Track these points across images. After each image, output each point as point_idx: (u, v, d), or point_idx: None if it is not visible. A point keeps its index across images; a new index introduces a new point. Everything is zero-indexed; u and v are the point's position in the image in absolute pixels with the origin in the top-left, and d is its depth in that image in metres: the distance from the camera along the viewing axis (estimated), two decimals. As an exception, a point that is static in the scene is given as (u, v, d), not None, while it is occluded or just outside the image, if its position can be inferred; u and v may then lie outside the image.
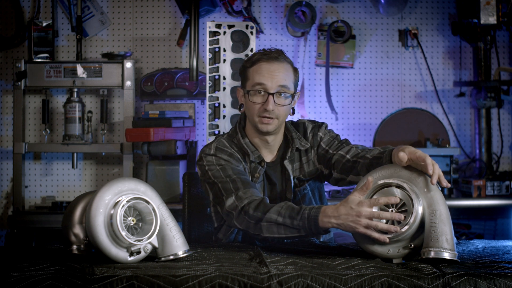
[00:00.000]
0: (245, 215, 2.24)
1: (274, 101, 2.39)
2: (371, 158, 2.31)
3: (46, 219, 3.90)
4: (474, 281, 1.81)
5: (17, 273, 1.80)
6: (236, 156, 2.45)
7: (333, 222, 2.09)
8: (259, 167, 2.48)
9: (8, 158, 4.19)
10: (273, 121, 2.42)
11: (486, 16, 4.00)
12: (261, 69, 2.41)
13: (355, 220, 2.04)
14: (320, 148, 2.52)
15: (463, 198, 4.01)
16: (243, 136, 2.50)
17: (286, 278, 1.79)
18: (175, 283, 1.77)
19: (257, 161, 2.48)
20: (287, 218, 2.17)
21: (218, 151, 2.44)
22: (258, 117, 2.42)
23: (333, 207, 2.11)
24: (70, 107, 4.00)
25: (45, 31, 4.08)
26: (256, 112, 2.41)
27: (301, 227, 2.15)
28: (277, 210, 2.19)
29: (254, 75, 2.42)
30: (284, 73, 2.43)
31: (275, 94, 2.40)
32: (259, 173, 2.47)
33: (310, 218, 2.13)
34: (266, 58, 2.42)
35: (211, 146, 2.47)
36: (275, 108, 2.40)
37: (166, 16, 4.23)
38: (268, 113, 2.40)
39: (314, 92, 4.27)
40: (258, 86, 2.41)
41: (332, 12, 4.27)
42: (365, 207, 2.03)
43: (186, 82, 4.12)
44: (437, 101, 4.31)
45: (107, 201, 1.94)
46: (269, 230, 2.19)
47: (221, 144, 2.47)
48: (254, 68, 2.43)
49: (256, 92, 2.41)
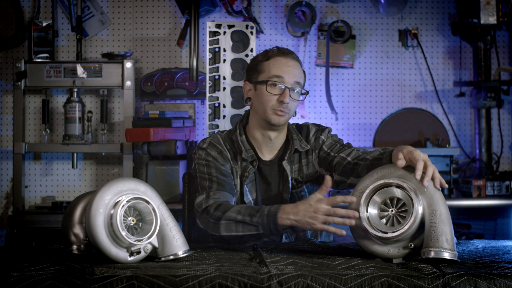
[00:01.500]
0: (206, 215, 2.30)
1: (290, 95, 2.43)
2: (372, 159, 2.32)
3: (46, 219, 3.90)
4: (474, 281, 1.80)
5: (17, 273, 1.80)
6: (225, 155, 2.49)
7: (291, 218, 2.15)
8: (250, 166, 2.50)
9: (8, 158, 4.19)
10: (285, 115, 2.46)
11: (486, 16, 4.00)
12: (278, 63, 2.46)
13: (313, 216, 2.11)
14: (321, 151, 2.54)
15: (463, 198, 4.01)
16: (241, 133, 2.53)
17: (286, 278, 1.79)
18: (175, 283, 1.77)
19: (249, 160, 2.50)
20: (247, 216, 2.22)
21: (210, 147, 2.50)
22: (272, 109, 2.44)
23: (292, 205, 2.18)
24: (70, 107, 4.00)
25: (45, 31, 4.08)
26: (270, 104, 2.44)
27: (260, 224, 2.20)
28: (237, 209, 2.26)
29: (271, 68, 2.46)
30: (299, 70, 2.49)
31: (290, 89, 2.44)
32: (249, 172, 2.49)
33: (270, 214, 2.19)
34: (282, 54, 2.48)
35: (205, 141, 2.53)
36: (290, 102, 2.43)
37: (166, 16, 4.24)
38: (283, 106, 2.43)
39: (314, 92, 4.27)
40: (276, 78, 2.44)
41: (332, 12, 4.27)
42: (322, 204, 2.10)
43: (186, 82, 4.13)
44: (437, 101, 4.31)
45: (107, 201, 1.94)
46: (227, 228, 2.25)
47: (215, 140, 2.52)
48: (270, 61, 2.47)
49: (273, 84, 2.44)
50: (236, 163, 2.51)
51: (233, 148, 2.52)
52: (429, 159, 2.07)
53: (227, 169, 2.48)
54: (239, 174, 2.51)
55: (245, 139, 2.52)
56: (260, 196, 2.51)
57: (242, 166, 2.51)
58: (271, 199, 2.51)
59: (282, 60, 2.46)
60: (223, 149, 2.50)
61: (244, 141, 2.52)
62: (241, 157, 2.50)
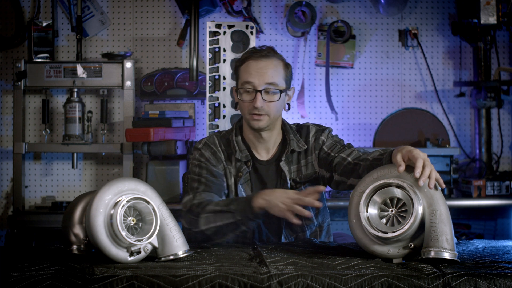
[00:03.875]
0: (189, 213, 2.37)
1: (263, 98, 2.43)
2: (372, 159, 2.32)
3: (46, 219, 3.90)
4: (474, 281, 1.81)
5: (17, 273, 1.80)
6: (218, 156, 2.52)
7: (264, 198, 2.26)
8: (244, 166, 2.50)
9: (8, 158, 4.19)
10: (264, 118, 2.45)
11: (486, 16, 4.00)
12: (248, 67, 2.46)
13: (283, 200, 2.23)
14: (322, 151, 2.53)
15: (463, 198, 4.01)
16: (236, 134, 2.54)
17: (286, 278, 1.79)
18: (175, 283, 1.77)
19: (243, 160, 2.50)
20: (224, 206, 2.32)
21: (205, 147, 2.53)
22: (249, 114, 2.46)
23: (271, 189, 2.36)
24: (70, 107, 4.00)
25: (45, 31, 4.07)
26: (246, 109, 2.47)
27: (236, 209, 2.29)
28: (217, 202, 2.35)
29: (243, 73, 2.48)
30: (273, 69, 2.46)
31: (263, 91, 2.44)
32: (242, 173, 2.50)
33: (246, 199, 2.31)
34: (254, 56, 2.47)
35: (201, 141, 2.56)
36: (263, 105, 2.44)
37: (166, 16, 4.23)
38: (257, 110, 2.44)
39: (314, 92, 4.27)
40: (246, 84, 2.46)
41: (332, 12, 4.27)
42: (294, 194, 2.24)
43: (186, 82, 4.12)
44: (437, 101, 4.30)
45: (107, 201, 1.94)
46: (207, 221, 2.32)
47: (211, 141, 2.54)
48: (243, 67, 2.49)
49: (245, 90, 2.46)
50: (230, 163, 2.52)
51: (228, 149, 2.54)
52: (429, 159, 2.07)
53: (220, 170, 2.50)
54: (234, 174, 2.51)
55: (241, 139, 2.53)
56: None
57: (236, 166, 2.52)
58: None
59: (252, 64, 2.46)
60: (217, 149, 2.52)
61: (239, 141, 2.53)
62: (235, 157, 2.51)
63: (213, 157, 2.51)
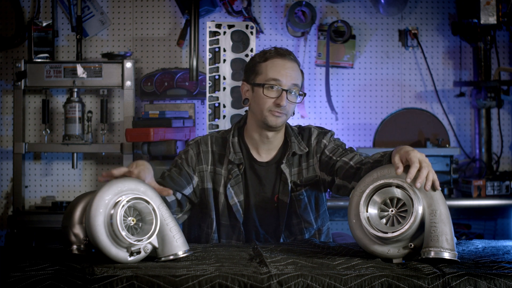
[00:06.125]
0: None
1: (287, 97, 2.43)
2: (373, 162, 2.32)
3: (46, 219, 3.91)
4: (474, 281, 1.80)
5: (17, 273, 1.80)
6: (204, 157, 2.50)
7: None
8: (235, 169, 2.49)
9: (8, 158, 4.19)
10: (283, 116, 2.46)
11: (486, 16, 4.00)
12: (275, 65, 2.46)
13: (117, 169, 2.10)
14: (323, 155, 2.52)
15: (463, 198, 4.01)
16: (234, 135, 2.53)
17: (286, 278, 1.79)
18: (175, 283, 1.77)
19: (236, 162, 2.49)
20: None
21: (193, 145, 2.53)
22: (268, 111, 2.44)
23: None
24: (70, 107, 4.00)
25: (45, 31, 4.08)
26: (267, 106, 2.44)
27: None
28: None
29: (268, 70, 2.45)
30: (297, 72, 2.49)
31: (288, 91, 2.43)
32: (232, 175, 2.49)
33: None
34: (280, 56, 2.47)
35: (195, 139, 2.56)
36: (287, 104, 2.43)
37: (166, 16, 4.24)
38: (280, 109, 2.43)
39: (314, 92, 4.27)
40: (273, 81, 2.44)
41: (332, 12, 4.27)
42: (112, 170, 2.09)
43: (186, 82, 4.13)
44: (437, 101, 4.31)
45: (107, 201, 1.94)
46: None
47: (203, 140, 2.54)
48: (268, 63, 2.46)
49: (270, 87, 2.44)
50: (220, 165, 2.51)
51: (222, 150, 2.52)
52: (429, 159, 2.06)
53: (190, 172, 2.48)
54: (224, 176, 2.50)
55: (237, 140, 2.52)
56: (252, 198, 2.50)
57: (228, 168, 2.50)
58: (264, 200, 2.51)
59: (280, 62, 2.46)
60: (206, 150, 2.51)
61: (235, 143, 2.51)
62: (228, 158, 2.50)
63: (196, 158, 2.50)
